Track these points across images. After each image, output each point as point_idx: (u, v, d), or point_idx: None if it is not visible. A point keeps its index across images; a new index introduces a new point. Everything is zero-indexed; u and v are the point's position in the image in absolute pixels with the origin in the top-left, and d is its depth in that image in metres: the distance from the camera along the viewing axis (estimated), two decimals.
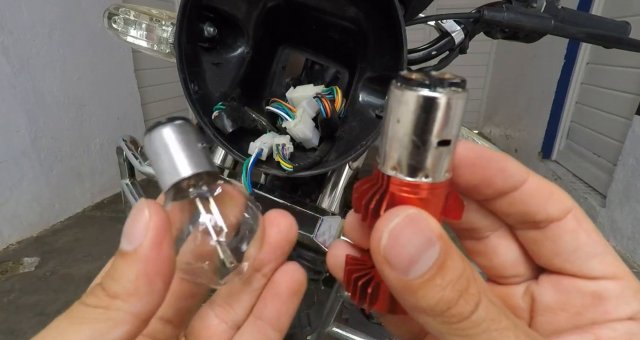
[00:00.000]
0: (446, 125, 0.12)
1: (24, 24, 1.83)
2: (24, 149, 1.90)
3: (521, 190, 0.15)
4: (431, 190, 0.13)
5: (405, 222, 0.13)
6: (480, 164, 0.15)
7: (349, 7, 0.39)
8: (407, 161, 0.13)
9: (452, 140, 0.13)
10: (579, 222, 0.15)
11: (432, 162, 0.13)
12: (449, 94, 0.12)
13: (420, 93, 0.12)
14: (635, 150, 1.84)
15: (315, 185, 0.63)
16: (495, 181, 0.15)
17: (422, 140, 0.12)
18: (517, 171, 0.15)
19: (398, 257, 0.13)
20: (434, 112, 0.12)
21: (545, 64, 2.86)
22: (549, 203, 0.15)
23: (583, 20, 0.52)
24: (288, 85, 0.48)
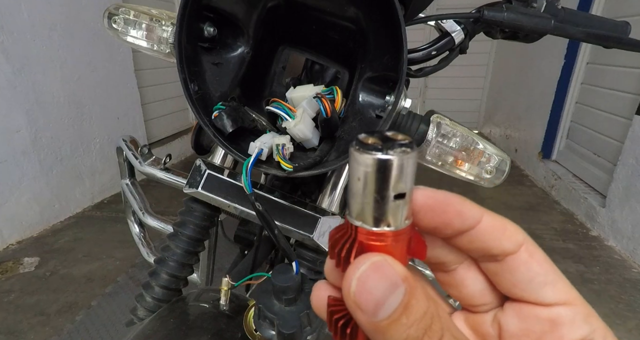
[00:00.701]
0: (399, 181, 0.14)
1: (24, 24, 1.83)
2: (24, 149, 1.90)
3: (477, 229, 0.17)
4: (394, 237, 0.15)
5: (371, 269, 0.14)
6: (438, 209, 0.17)
7: (349, 7, 0.39)
8: (369, 213, 0.15)
9: (406, 193, 0.15)
10: (531, 254, 0.17)
11: (392, 213, 0.15)
12: (399, 156, 0.14)
13: (375, 156, 0.14)
14: (635, 150, 1.84)
15: (315, 185, 0.63)
16: (453, 223, 0.17)
17: (381, 196, 0.14)
18: (472, 212, 0.17)
19: (366, 302, 0.14)
20: (388, 171, 0.14)
21: (545, 64, 2.86)
22: (503, 238, 0.17)
23: (583, 20, 0.52)
24: (288, 85, 0.48)
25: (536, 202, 2.51)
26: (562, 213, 2.35)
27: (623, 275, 1.71)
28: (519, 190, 2.73)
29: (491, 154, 0.47)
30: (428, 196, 0.16)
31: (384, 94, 0.40)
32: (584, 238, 2.05)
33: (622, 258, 1.84)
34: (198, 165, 0.55)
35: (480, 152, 0.47)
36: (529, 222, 2.22)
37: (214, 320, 0.46)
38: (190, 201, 0.58)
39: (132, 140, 0.70)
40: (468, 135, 0.47)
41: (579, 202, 2.26)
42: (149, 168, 0.65)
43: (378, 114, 0.40)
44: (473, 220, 0.17)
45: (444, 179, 3.01)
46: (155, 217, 0.70)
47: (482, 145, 0.47)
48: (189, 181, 0.54)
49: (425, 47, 0.52)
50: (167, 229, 0.66)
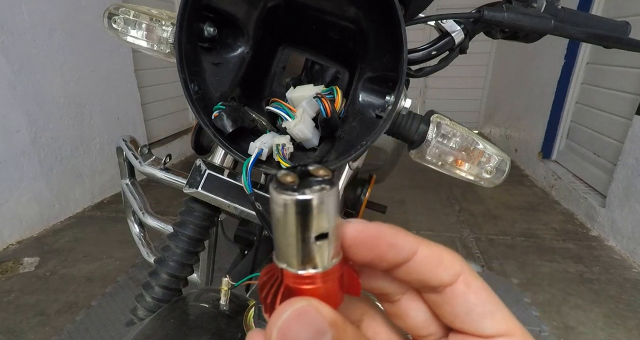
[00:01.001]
0: (320, 221, 0.14)
1: (24, 24, 1.83)
2: (24, 149, 1.90)
3: (413, 261, 0.16)
4: (322, 278, 0.14)
5: (293, 317, 0.13)
6: (369, 243, 0.16)
7: (349, 7, 0.39)
8: (293, 256, 0.14)
9: (329, 233, 0.14)
10: (468, 285, 0.17)
11: (316, 255, 0.14)
12: (316, 195, 0.13)
13: (291, 197, 0.13)
14: (635, 150, 1.84)
15: None
16: (387, 256, 0.16)
17: (302, 238, 0.14)
18: (406, 245, 0.16)
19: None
20: (306, 212, 0.13)
21: (545, 64, 2.86)
22: (439, 270, 0.16)
23: (583, 20, 0.52)
24: (288, 85, 0.48)
25: (536, 202, 2.51)
26: (562, 213, 2.35)
27: (623, 275, 1.71)
28: (519, 190, 2.73)
29: (491, 154, 0.47)
30: (359, 230, 0.16)
31: (384, 94, 0.40)
32: (584, 238, 2.05)
33: (622, 258, 1.84)
34: (198, 165, 0.55)
35: (480, 152, 0.47)
36: (529, 222, 2.22)
37: (214, 320, 0.46)
38: (190, 201, 0.58)
39: (132, 140, 0.70)
40: (468, 135, 0.47)
41: (579, 202, 2.26)
42: (149, 168, 0.65)
43: (378, 114, 0.40)
44: (408, 252, 0.16)
45: (444, 179, 2.98)
46: (155, 217, 0.70)
47: (482, 145, 0.47)
48: (189, 181, 0.54)
49: (425, 47, 0.52)
50: (167, 229, 0.66)
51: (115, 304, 1.48)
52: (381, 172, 1.06)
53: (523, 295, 1.54)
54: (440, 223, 2.20)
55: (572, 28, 0.49)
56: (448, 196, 2.58)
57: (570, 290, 1.59)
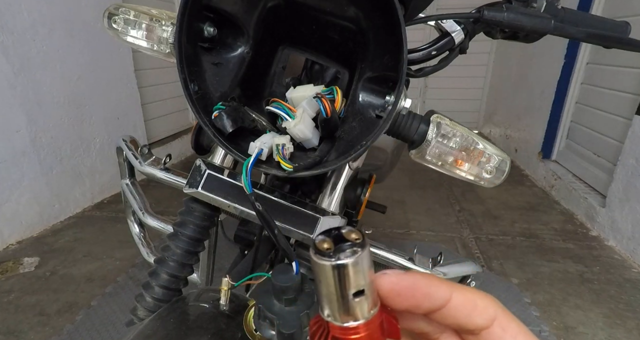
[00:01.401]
0: (356, 280, 0.16)
1: (24, 24, 1.83)
2: (24, 149, 1.90)
3: (448, 307, 0.17)
4: (364, 328, 0.16)
5: None
6: (405, 294, 0.17)
7: (349, 7, 0.39)
8: (335, 310, 0.16)
9: (364, 289, 0.16)
10: (504, 329, 0.17)
11: (355, 309, 0.16)
12: (350, 259, 0.15)
13: (329, 263, 0.15)
14: (635, 150, 1.84)
15: (315, 185, 0.63)
16: (423, 305, 0.17)
17: (341, 295, 0.16)
18: (440, 293, 0.17)
19: None
20: (342, 275, 0.15)
21: (545, 64, 2.86)
22: (474, 314, 0.17)
23: (583, 20, 0.52)
24: (288, 85, 0.48)
25: (536, 202, 2.51)
26: (562, 213, 2.35)
27: (623, 275, 1.71)
28: (519, 190, 2.73)
29: (491, 154, 0.47)
30: (394, 283, 0.17)
31: (384, 94, 0.40)
32: (584, 238, 2.05)
33: (622, 258, 1.84)
34: (198, 165, 0.55)
35: (480, 152, 0.47)
36: (529, 222, 2.22)
37: (214, 320, 0.46)
38: (190, 201, 0.58)
39: (132, 140, 0.70)
40: (468, 135, 0.47)
41: (579, 202, 2.26)
42: (149, 168, 0.65)
43: (378, 114, 0.40)
44: (442, 300, 0.17)
45: (444, 179, 2.98)
46: (155, 217, 0.70)
47: (482, 145, 0.47)
48: (189, 181, 0.54)
49: (425, 47, 0.52)
50: (167, 229, 0.66)
51: (115, 304, 1.48)
52: (381, 172, 1.06)
53: (523, 295, 1.54)
54: (440, 223, 2.20)
55: (572, 28, 0.49)
56: (448, 196, 2.58)
57: (570, 290, 1.59)
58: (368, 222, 2.11)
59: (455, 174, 0.49)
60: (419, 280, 0.17)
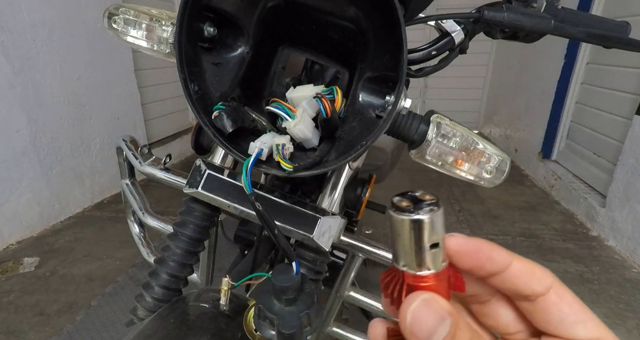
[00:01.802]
0: (432, 234, 0.18)
1: (24, 24, 1.83)
2: (24, 149, 1.90)
3: (507, 273, 0.19)
4: (435, 277, 0.18)
5: (422, 304, 0.17)
6: (471, 255, 0.19)
7: (349, 7, 0.39)
8: (412, 261, 0.18)
9: (439, 243, 0.18)
10: (560, 296, 0.19)
11: (430, 260, 0.18)
12: (429, 215, 0.17)
13: (410, 217, 0.17)
14: (635, 150, 1.84)
15: (315, 185, 0.63)
16: (485, 266, 0.19)
17: (418, 247, 0.18)
18: (501, 258, 0.19)
19: (420, 332, 0.17)
20: (421, 229, 0.17)
21: (545, 64, 2.86)
22: (532, 282, 0.19)
23: (583, 20, 0.52)
24: (288, 85, 0.48)
25: (536, 202, 2.52)
26: (562, 213, 2.35)
27: (623, 275, 1.71)
28: (519, 190, 2.73)
29: (491, 154, 0.47)
30: (461, 244, 0.19)
31: (384, 94, 0.40)
32: (584, 238, 2.05)
33: (622, 258, 1.84)
34: (198, 165, 0.55)
35: (480, 152, 0.47)
36: (529, 222, 2.22)
37: (214, 320, 0.46)
38: (190, 201, 0.58)
39: (132, 140, 0.70)
40: (468, 135, 0.47)
41: (579, 202, 2.26)
42: (149, 168, 0.65)
43: (378, 114, 0.40)
44: (502, 264, 0.19)
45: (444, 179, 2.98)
46: (155, 217, 0.70)
47: (482, 145, 0.47)
48: (189, 181, 0.54)
49: (425, 47, 0.52)
50: (167, 229, 0.66)
51: (115, 304, 1.48)
52: (381, 172, 1.06)
53: None
54: None
55: (572, 28, 0.49)
56: (448, 196, 2.58)
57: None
58: (368, 222, 2.11)
59: (455, 174, 0.49)
60: (483, 244, 0.19)
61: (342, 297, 0.62)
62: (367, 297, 0.63)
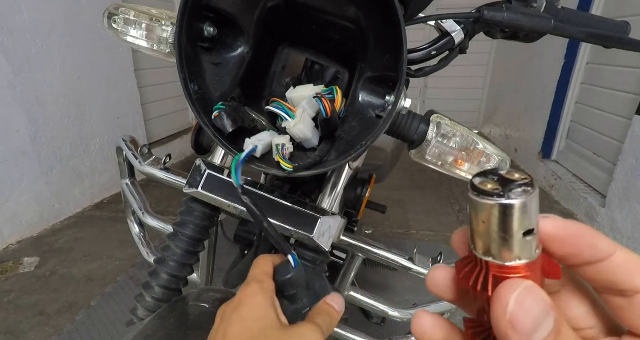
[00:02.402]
0: (526, 220, 0.15)
1: (24, 24, 1.83)
2: (24, 149, 1.90)
3: (608, 262, 0.16)
4: (527, 268, 0.16)
5: (526, 292, 0.15)
6: (570, 241, 0.17)
7: (349, 7, 0.39)
8: (498, 250, 0.16)
9: (534, 229, 0.15)
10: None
11: (522, 248, 0.15)
12: (523, 198, 0.14)
13: (498, 202, 0.14)
14: (635, 150, 1.84)
15: (315, 185, 0.63)
16: (583, 254, 0.17)
17: (509, 235, 0.15)
18: (605, 246, 0.16)
19: (523, 322, 0.14)
20: (514, 215, 0.15)
21: (545, 64, 2.86)
22: (637, 276, 0.16)
23: (583, 20, 0.52)
24: (288, 85, 0.48)
25: None
26: (562, 213, 2.35)
27: None
28: None
29: (491, 154, 0.47)
30: (559, 228, 0.17)
31: (384, 94, 0.40)
32: None
33: None
34: (198, 165, 0.55)
35: (480, 152, 0.47)
36: None
37: (214, 320, 0.46)
38: (190, 201, 0.58)
39: (132, 140, 0.70)
40: (468, 135, 0.47)
41: (579, 202, 2.26)
42: (149, 168, 0.65)
43: (378, 114, 0.40)
44: (605, 254, 0.16)
45: (444, 179, 2.98)
46: (155, 217, 0.70)
47: (482, 145, 0.47)
48: (189, 181, 0.54)
49: (425, 47, 0.52)
50: (167, 229, 0.66)
51: (115, 304, 1.48)
52: (381, 172, 1.06)
53: None
54: (440, 223, 2.20)
55: (572, 28, 0.49)
56: (448, 196, 2.58)
57: None
58: (368, 222, 2.11)
59: (455, 174, 0.49)
60: (585, 229, 0.17)
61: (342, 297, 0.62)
62: (367, 297, 0.63)
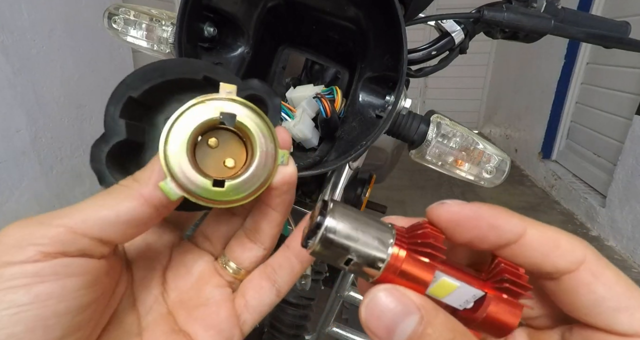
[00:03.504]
0: (338, 256, 0.15)
1: (24, 24, 1.83)
2: (24, 149, 1.90)
3: (520, 244, 0.15)
4: (385, 274, 0.15)
5: (380, 296, 0.14)
6: (468, 224, 0.15)
7: (349, 7, 0.39)
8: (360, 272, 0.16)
9: (352, 258, 0.15)
10: (596, 275, 0.15)
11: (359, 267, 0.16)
12: (321, 240, 0.15)
13: (314, 249, 0.15)
14: (635, 150, 1.84)
15: (315, 185, 0.63)
16: (487, 237, 0.15)
17: (340, 260, 0.16)
18: (509, 226, 0.15)
19: (377, 328, 0.14)
20: (327, 248, 0.15)
21: (545, 64, 2.86)
22: (555, 255, 0.15)
23: (583, 20, 0.52)
24: (288, 85, 0.48)
25: (536, 202, 2.51)
26: (562, 213, 2.35)
27: None
28: (519, 190, 2.73)
29: (491, 154, 0.47)
30: (454, 212, 0.15)
31: (384, 94, 0.40)
32: (584, 238, 2.02)
33: (622, 258, 1.84)
34: None
35: (480, 152, 0.47)
36: None
37: None
38: None
39: None
40: (468, 135, 0.47)
41: (579, 202, 2.26)
42: None
43: (378, 114, 0.40)
44: (512, 234, 0.15)
45: (444, 179, 2.98)
46: None
47: (482, 145, 0.47)
48: None
49: (425, 47, 0.52)
50: None
51: None
52: (381, 172, 1.06)
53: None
54: None
55: (572, 28, 0.49)
56: (448, 196, 2.58)
57: None
58: None
59: (455, 174, 0.49)
60: (484, 210, 0.15)
61: (342, 297, 0.62)
62: None
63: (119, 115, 0.19)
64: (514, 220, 0.15)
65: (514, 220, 0.15)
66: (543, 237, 0.15)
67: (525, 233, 0.15)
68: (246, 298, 0.21)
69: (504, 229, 0.15)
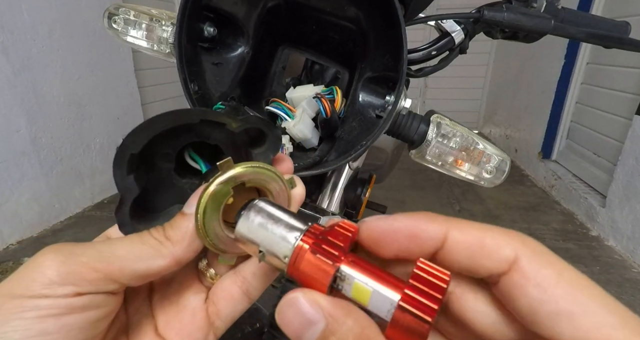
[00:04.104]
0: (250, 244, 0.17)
1: (24, 24, 1.83)
2: (24, 149, 1.90)
3: (445, 249, 0.14)
4: (292, 270, 0.15)
5: (285, 306, 0.14)
6: (386, 239, 0.15)
7: (349, 7, 0.39)
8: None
9: (261, 249, 0.17)
10: (527, 276, 0.12)
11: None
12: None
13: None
14: (635, 150, 1.84)
15: (315, 185, 0.63)
16: (411, 249, 0.14)
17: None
18: (429, 233, 0.14)
19: (289, 333, 0.14)
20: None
21: (545, 64, 2.86)
22: (480, 256, 0.13)
23: (583, 20, 0.52)
24: (288, 85, 0.48)
25: (536, 202, 2.51)
26: (562, 213, 2.35)
27: (623, 275, 1.71)
28: (519, 190, 2.73)
29: (491, 154, 0.47)
30: (370, 229, 0.15)
31: (384, 94, 0.40)
32: (584, 238, 2.04)
33: (622, 258, 1.84)
34: None
35: (480, 152, 0.47)
36: (529, 222, 2.22)
37: None
38: None
39: None
40: (468, 135, 0.47)
41: (579, 202, 2.26)
42: None
43: (378, 114, 0.40)
44: (433, 241, 0.14)
45: (444, 179, 2.98)
46: None
47: (482, 145, 0.47)
48: None
49: (425, 47, 0.52)
50: None
51: None
52: (381, 172, 1.06)
53: None
54: None
55: (572, 28, 0.49)
56: (448, 196, 2.58)
57: None
58: None
59: (455, 174, 0.49)
60: (399, 221, 0.14)
61: None
62: None
63: (127, 173, 0.20)
64: (433, 225, 0.14)
65: (433, 225, 0.14)
66: (466, 238, 0.14)
67: (447, 237, 0.14)
68: (218, 307, 0.21)
69: (423, 237, 0.14)
